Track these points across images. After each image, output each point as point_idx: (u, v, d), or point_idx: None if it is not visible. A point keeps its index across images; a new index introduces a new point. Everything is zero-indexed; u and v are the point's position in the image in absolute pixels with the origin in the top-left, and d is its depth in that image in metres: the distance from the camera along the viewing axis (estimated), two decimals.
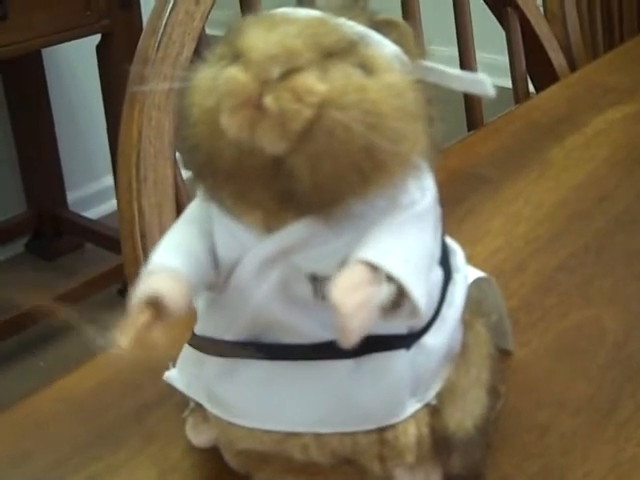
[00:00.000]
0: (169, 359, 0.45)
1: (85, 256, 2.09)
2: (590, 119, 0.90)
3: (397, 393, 0.40)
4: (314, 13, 0.37)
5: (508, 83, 1.05)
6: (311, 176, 0.34)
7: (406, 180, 0.37)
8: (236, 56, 0.34)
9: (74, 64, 2.07)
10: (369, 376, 0.39)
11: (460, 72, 0.39)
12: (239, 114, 0.34)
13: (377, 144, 0.34)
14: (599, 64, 1.11)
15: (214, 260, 0.39)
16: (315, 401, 0.39)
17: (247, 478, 0.44)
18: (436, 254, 0.40)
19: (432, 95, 0.37)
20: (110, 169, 1.81)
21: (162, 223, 0.69)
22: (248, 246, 0.38)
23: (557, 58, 1.10)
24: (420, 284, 0.36)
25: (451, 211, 0.70)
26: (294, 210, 0.36)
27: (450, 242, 0.44)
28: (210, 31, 0.75)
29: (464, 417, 0.41)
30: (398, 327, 0.39)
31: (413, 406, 0.40)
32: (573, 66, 1.13)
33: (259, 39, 0.34)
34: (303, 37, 0.34)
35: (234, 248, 0.38)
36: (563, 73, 1.09)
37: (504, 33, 1.07)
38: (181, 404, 0.46)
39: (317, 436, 0.40)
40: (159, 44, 0.72)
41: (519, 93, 1.08)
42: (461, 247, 0.45)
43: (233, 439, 0.42)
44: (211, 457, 0.45)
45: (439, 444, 0.41)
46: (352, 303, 0.33)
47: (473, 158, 0.84)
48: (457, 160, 0.82)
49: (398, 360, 0.39)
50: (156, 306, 0.36)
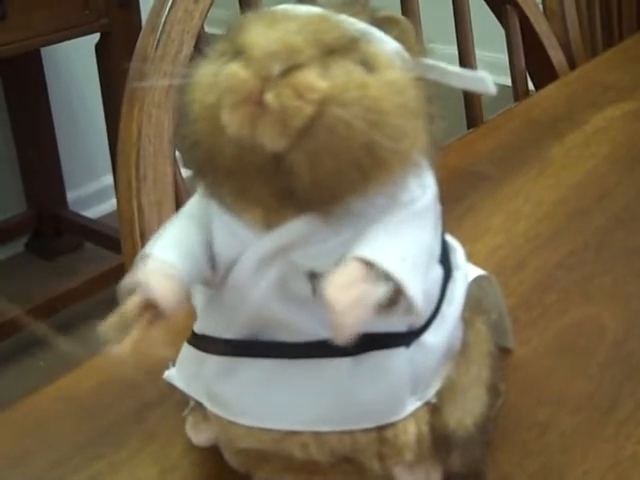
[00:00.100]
0: (169, 358, 0.45)
1: (85, 255, 2.09)
2: (590, 117, 0.90)
3: (397, 391, 0.39)
4: (315, 10, 0.36)
5: (507, 81, 1.05)
6: (311, 173, 0.34)
7: (406, 178, 0.37)
8: (237, 53, 0.34)
9: (73, 63, 2.07)
10: (368, 374, 0.39)
11: (461, 70, 0.39)
12: (240, 111, 0.34)
13: (378, 141, 0.34)
14: (598, 62, 1.11)
15: (210, 255, 0.39)
16: (314, 399, 0.39)
17: (247, 477, 0.44)
18: (436, 252, 0.40)
19: (432, 93, 0.37)
20: (110, 168, 1.81)
21: (162, 221, 0.68)
22: (247, 244, 0.37)
23: (556, 56, 1.10)
24: (417, 282, 0.35)
25: (451, 209, 0.70)
26: (294, 207, 0.36)
27: (450, 240, 0.44)
28: (209, 29, 0.75)
29: (464, 415, 0.41)
30: (397, 325, 0.39)
31: (413, 404, 0.40)
32: (572, 64, 1.13)
33: (260, 36, 0.34)
34: (304, 34, 0.34)
35: (233, 246, 0.38)
36: (562, 71, 1.09)
37: (503, 31, 1.06)
38: (181, 403, 0.46)
39: (316, 435, 0.40)
40: (158, 42, 0.72)
41: (519, 91, 1.07)
42: (461, 245, 0.45)
43: (233, 438, 0.42)
44: (211, 456, 0.45)
45: (439, 442, 0.41)
46: (346, 300, 0.33)
47: (473, 156, 0.84)
48: (457, 158, 0.82)
49: (397, 358, 0.39)
50: (151, 308, 0.36)
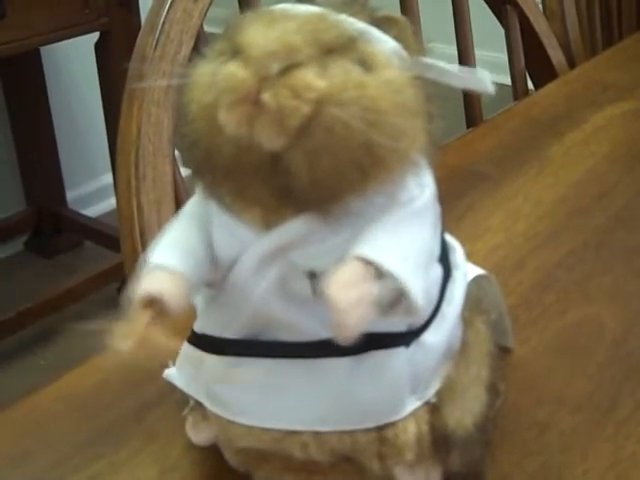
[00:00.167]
0: (169, 358, 0.44)
1: (84, 254, 2.09)
2: (589, 116, 0.90)
3: (396, 391, 0.39)
4: (313, 9, 0.36)
5: (507, 80, 1.05)
6: (309, 172, 0.34)
7: (405, 177, 0.37)
8: (235, 52, 0.34)
9: (73, 62, 2.07)
10: (368, 374, 0.39)
11: (460, 69, 0.39)
12: (237, 110, 0.33)
13: (376, 140, 0.34)
14: (598, 61, 1.11)
15: (212, 256, 0.39)
16: (314, 399, 0.39)
17: (247, 476, 0.44)
18: (435, 251, 0.40)
19: (431, 92, 0.37)
20: (109, 167, 1.81)
21: (161, 220, 0.69)
22: (247, 243, 0.37)
23: (556, 55, 1.10)
24: (418, 282, 0.35)
25: (450, 208, 0.70)
26: (293, 207, 0.36)
27: (450, 239, 0.44)
28: (208, 29, 0.75)
29: (464, 415, 0.41)
30: (397, 325, 0.39)
31: (413, 404, 0.40)
32: (572, 63, 1.13)
33: (258, 35, 0.34)
34: (302, 33, 0.34)
35: (233, 245, 0.38)
36: (562, 70, 1.09)
37: (503, 31, 1.06)
38: (181, 402, 0.46)
39: (316, 434, 0.40)
40: (157, 42, 0.72)
41: (518, 90, 1.07)
42: (461, 244, 0.45)
43: (233, 437, 0.42)
44: (211, 455, 0.45)
45: (439, 442, 0.41)
46: (348, 299, 0.33)
47: (472, 155, 0.84)
48: (456, 157, 0.82)
49: (397, 358, 0.39)
50: (155, 305, 0.36)
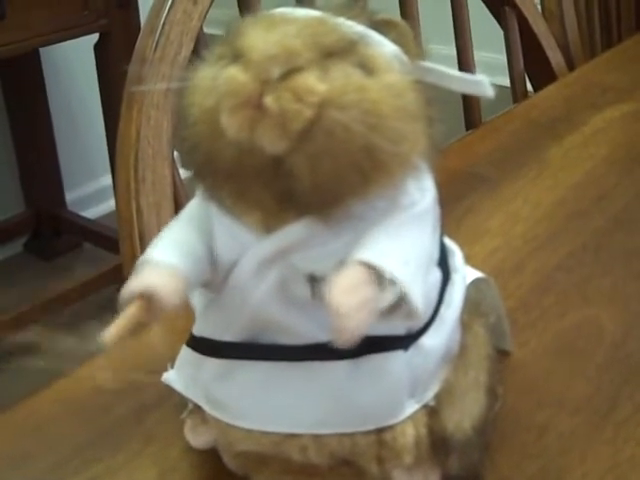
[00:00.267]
0: (168, 360, 0.45)
1: (83, 256, 2.09)
2: (588, 118, 0.90)
3: (395, 394, 0.39)
4: (313, 13, 0.36)
5: (506, 82, 1.05)
6: (311, 176, 0.34)
7: (406, 181, 0.37)
8: (236, 56, 0.34)
9: (72, 64, 2.07)
10: (367, 377, 0.39)
11: (459, 73, 0.39)
12: (239, 114, 0.34)
13: (377, 144, 0.34)
14: (597, 63, 1.11)
15: (211, 257, 0.39)
16: (313, 402, 0.39)
17: (246, 479, 0.44)
18: (434, 255, 0.40)
19: (431, 95, 0.37)
20: (108, 168, 1.81)
21: (160, 223, 0.69)
22: (247, 246, 0.38)
23: (555, 57, 1.10)
24: (418, 286, 0.36)
25: (450, 210, 0.70)
26: (294, 210, 0.36)
27: (449, 243, 0.44)
28: (208, 30, 0.75)
29: (462, 418, 0.41)
30: (396, 328, 0.39)
31: (411, 407, 0.40)
32: (571, 65, 1.13)
33: (259, 39, 0.34)
34: (303, 37, 0.34)
35: (233, 248, 0.38)
36: (561, 72, 1.09)
37: (502, 32, 1.07)
38: (180, 405, 0.46)
39: (316, 437, 0.40)
40: (157, 44, 0.72)
41: (517, 92, 1.08)
42: (460, 247, 0.45)
43: (232, 440, 0.42)
44: (210, 458, 0.45)
45: (437, 445, 0.41)
46: (350, 303, 0.33)
47: (472, 157, 0.84)
48: (456, 159, 0.82)
49: (396, 361, 0.39)
50: (148, 300, 0.36)
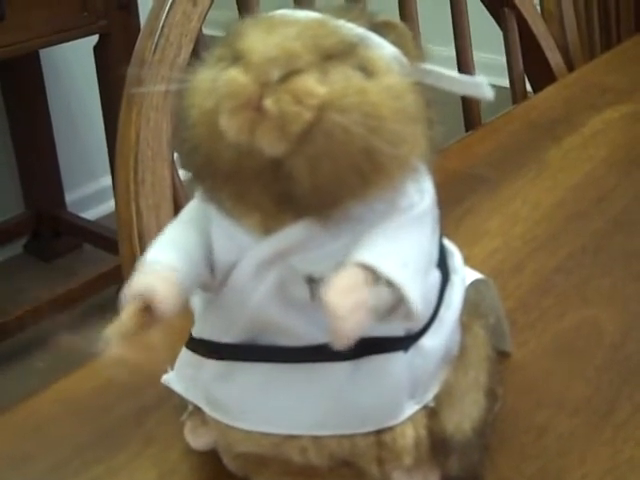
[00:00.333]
0: (168, 362, 0.45)
1: (83, 257, 2.09)
2: (588, 119, 0.90)
3: (395, 395, 0.39)
4: (313, 15, 0.36)
5: (506, 82, 1.05)
6: (310, 178, 0.34)
7: (405, 183, 0.37)
8: (236, 58, 0.34)
9: (72, 65, 2.07)
10: (367, 378, 0.39)
11: (459, 75, 0.39)
12: (239, 116, 0.34)
13: (377, 146, 0.34)
14: (596, 64, 1.11)
15: (209, 259, 0.39)
16: (313, 404, 0.39)
17: None
18: (434, 256, 0.40)
19: (431, 97, 0.37)
20: (108, 169, 1.81)
21: (160, 224, 0.69)
22: (246, 248, 0.38)
23: (554, 58, 1.10)
24: (417, 287, 0.36)
25: (449, 211, 0.70)
26: (293, 212, 0.36)
27: (448, 244, 0.44)
28: (208, 31, 0.75)
29: (462, 419, 0.41)
30: (395, 329, 0.39)
31: (411, 408, 0.40)
32: (570, 66, 1.14)
33: (259, 41, 0.34)
34: (302, 39, 0.34)
35: (232, 250, 0.38)
36: (560, 73, 1.09)
37: (501, 33, 1.07)
38: (179, 407, 0.46)
39: (315, 439, 0.40)
40: (156, 46, 0.72)
41: (517, 93, 1.08)
42: (459, 248, 0.45)
43: (231, 442, 0.42)
44: (210, 460, 0.45)
45: (437, 446, 0.41)
46: (347, 305, 0.33)
47: (471, 158, 0.84)
48: (455, 160, 0.82)
49: (396, 362, 0.39)
50: (147, 305, 0.36)
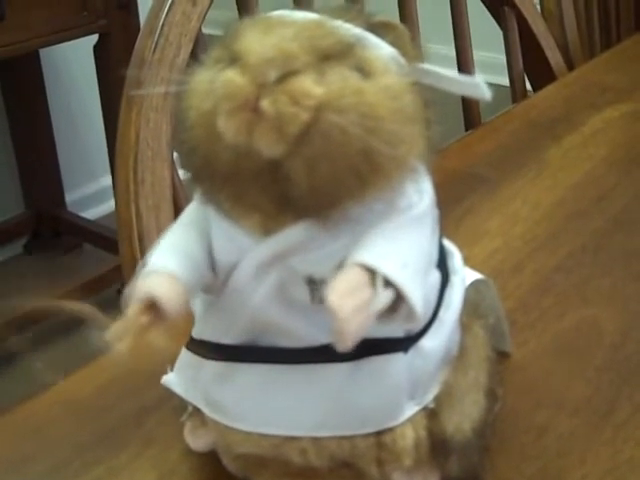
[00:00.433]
0: (168, 363, 0.45)
1: (83, 256, 2.09)
2: (588, 118, 0.90)
3: (395, 396, 0.39)
4: (311, 16, 0.36)
5: (505, 81, 1.05)
6: (308, 179, 0.34)
7: (404, 183, 0.37)
8: (233, 59, 0.34)
9: (71, 64, 2.07)
10: (367, 379, 0.39)
11: (457, 75, 0.39)
12: (236, 117, 0.34)
13: (375, 147, 0.34)
14: (596, 63, 1.11)
15: (211, 262, 0.39)
16: (313, 405, 0.39)
17: None
18: (434, 257, 0.40)
19: (429, 97, 0.37)
20: (108, 169, 1.81)
21: (160, 225, 0.69)
22: (246, 249, 0.38)
23: (554, 57, 1.10)
24: (417, 288, 0.36)
25: (449, 211, 0.70)
26: (292, 213, 0.36)
27: (447, 244, 0.44)
28: (207, 31, 0.75)
29: (462, 420, 0.41)
30: (395, 330, 0.39)
31: (411, 409, 0.40)
32: (570, 65, 1.14)
33: (256, 42, 0.34)
34: (300, 40, 0.34)
35: (232, 251, 0.38)
36: (560, 72, 1.09)
37: (501, 32, 1.07)
38: (179, 408, 0.46)
39: (315, 440, 0.40)
40: (156, 45, 0.72)
41: (516, 92, 1.08)
42: (459, 248, 0.45)
43: (231, 443, 0.42)
44: (209, 461, 0.45)
45: (437, 447, 0.41)
46: (349, 307, 0.33)
47: (471, 158, 0.84)
48: (455, 160, 0.82)
49: (396, 363, 0.39)
50: (153, 309, 0.36)
